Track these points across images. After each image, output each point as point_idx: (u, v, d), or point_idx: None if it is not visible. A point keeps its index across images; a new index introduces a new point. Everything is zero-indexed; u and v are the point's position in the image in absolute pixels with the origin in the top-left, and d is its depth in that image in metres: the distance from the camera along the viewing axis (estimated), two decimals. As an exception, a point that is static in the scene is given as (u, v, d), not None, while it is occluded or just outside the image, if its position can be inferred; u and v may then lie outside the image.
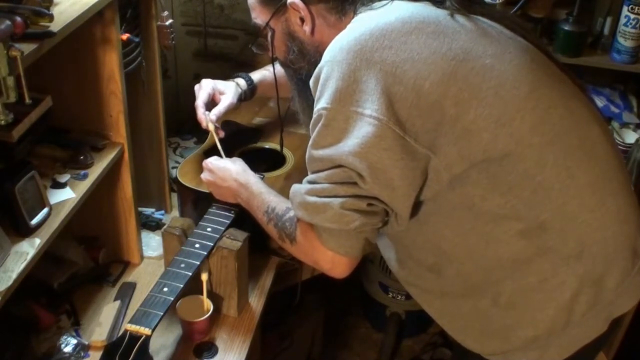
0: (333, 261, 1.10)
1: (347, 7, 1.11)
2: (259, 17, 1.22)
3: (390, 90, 0.97)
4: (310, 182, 1.07)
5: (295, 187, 1.10)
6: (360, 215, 1.03)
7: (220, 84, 1.56)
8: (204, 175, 1.43)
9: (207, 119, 1.49)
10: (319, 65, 1.04)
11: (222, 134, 1.52)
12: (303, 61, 1.20)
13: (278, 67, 1.38)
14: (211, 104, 1.53)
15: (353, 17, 1.10)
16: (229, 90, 1.55)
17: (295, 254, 1.20)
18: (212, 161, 1.43)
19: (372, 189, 1.00)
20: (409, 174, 1.00)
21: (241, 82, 1.61)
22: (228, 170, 1.38)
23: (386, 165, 0.99)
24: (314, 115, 1.03)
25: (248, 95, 1.62)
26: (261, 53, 1.31)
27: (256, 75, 1.64)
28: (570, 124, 1.06)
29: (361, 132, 0.98)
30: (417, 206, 1.07)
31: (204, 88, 1.53)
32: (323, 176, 1.04)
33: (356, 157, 0.98)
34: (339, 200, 1.02)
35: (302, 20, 1.15)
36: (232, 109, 1.57)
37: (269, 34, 1.22)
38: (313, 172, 1.07)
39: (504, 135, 0.99)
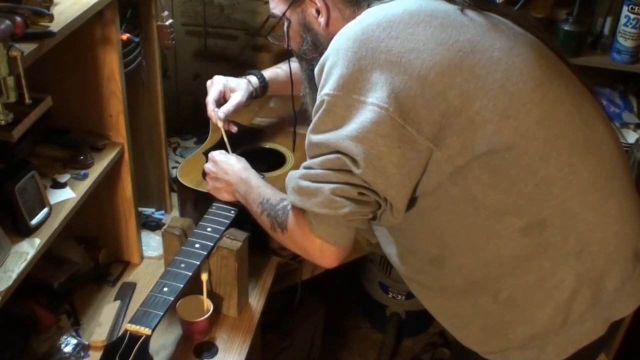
0: (322, 250, 1.11)
1: (361, 0, 1.12)
2: (276, 7, 1.24)
3: (395, 80, 0.98)
4: (305, 168, 1.08)
5: (291, 173, 1.11)
6: (351, 203, 1.03)
7: (231, 82, 1.57)
8: (207, 166, 1.45)
9: (217, 115, 1.50)
10: (325, 54, 1.05)
11: (234, 128, 1.55)
12: (316, 52, 1.21)
13: (293, 64, 1.39)
14: (222, 101, 1.55)
15: None
16: (239, 88, 1.57)
17: (286, 242, 1.21)
18: (218, 154, 1.45)
19: (365, 175, 1.00)
20: (406, 163, 1.00)
21: (253, 79, 1.62)
22: (232, 165, 1.40)
23: (381, 152, 0.99)
24: (317, 101, 1.04)
25: (259, 93, 1.63)
26: (277, 44, 1.32)
27: (268, 73, 1.65)
28: (576, 121, 1.06)
29: (361, 118, 0.98)
30: (417, 200, 1.08)
31: (216, 85, 1.55)
32: (318, 162, 1.04)
33: (352, 141, 0.99)
34: (331, 186, 1.03)
35: (318, 12, 1.16)
36: (242, 107, 1.57)
37: (285, 25, 1.24)
38: (310, 158, 1.07)
39: (508, 128, 0.99)
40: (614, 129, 1.14)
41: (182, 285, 1.26)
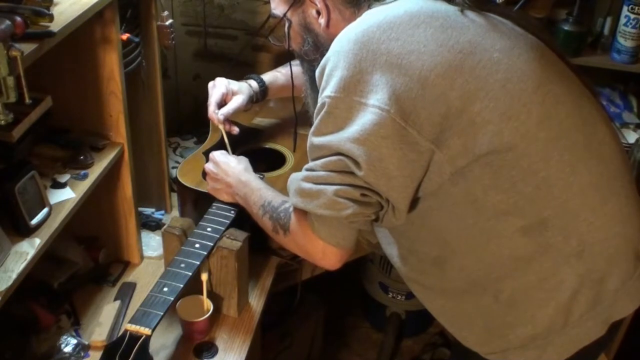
0: (324, 251, 1.11)
1: (361, 1, 1.13)
2: (277, 7, 1.24)
3: (396, 81, 0.98)
4: (307, 170, 1.08)
5: (293, 175, 1.11)
6: (353, 204, 1.03)
7: (233, 85, 1.58)
8: (208, 166, 1.45)
9: (217, 117, 1.51)
10: (326, 56, 1.05)
11: (235, 130, 1.54)
12: (317, 53, 1.21)
13: (293, 67, 1.39)
14: (223, 103, 1.55)
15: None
16: (241, 92, 1.57)
17: (288, 245, 1.21)
18: (219, 154, 1.45)
19: (367, 177, 1.00)
20: (407, 165, 1.00)
21: (253, 84, 1.63)
22: (232, 167, 1.41)
23: (383, 154, 0.99)
24: (318, 104, 1.04)
25: (260, 97, 1.64)
26: (278, 44, 1.32)
27: (267, 77, 1.66)
28: (577, 121, 1.06)
29: (362, 120, 0.98)
30: (419, 201, 1.08)
31: (218, 87, 1.55)
32: (320, 164, 1.04)
33: (354, 143, 0.99)
34: (333, 187, 1.03)
35: (319, 13, 1.16)
36: (242, 110, 1.57)
37: (286, 25, 1.24)
38: (312, 160, 1.07)
39: (509, 129, 0.99)
40: (615, 130, 1.14)
41: (182, 285, 1.26)
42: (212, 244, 1.35)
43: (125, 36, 1.37)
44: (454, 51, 0.99)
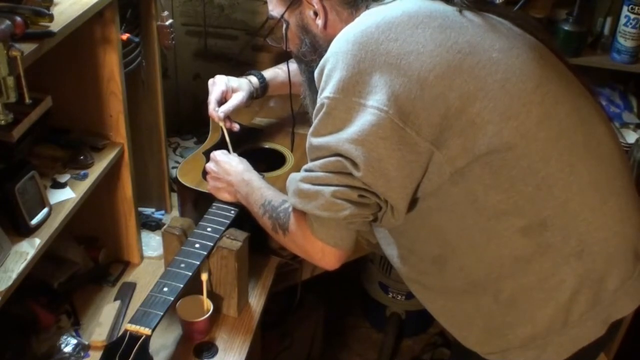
0: (323, 252, 1.11)
1: (359, 2, 1.13)
2: (275, 9, 1.24)
3: (395, 82, 0.98)
4: (306, 170, 1.08)
5: (292, 176, 1.11)
6: (351, 205, 1.03)
7: (233, 81, 1.58)
8: (209, 165, 1.45)
9: (218, 115, 1.51)
10: (325, 57, 1.05)
11: (236, 127, 1.55)
12: (315, 54, 1.21)
13: (291, 65, 1.39)
14: (223, 100, 1.55)
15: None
16: (241, 89, 1.57)
17: (287, 244, 1.21)
18: (220, 154, 1.45)
19: (366, 178, 1.00)
20: (406, 165, 1.00)
21: (253, 79, 1.63)
22: (234, 166, 1.41)
23: (382, 155, 0.99)
24: (317, 104, 1.04)
25: (260, 93, 1.64)
26: (276, 45, 1.32)
27: (268, 73, 1.66)
28: (576, 121, 1.06)
29: (361, 121, 0.99)
30: (418, 201, 1.08)
31: (218, 84, 1.55)
32: (319, 164, 1.04)
33: (352, 144, 0.99)
34: (331, 188, 1.03)
35: (316, 14, 1.17)
36: (242, 107, 1.57)
37: (283, 27, 1.24)
38: (311, 160, 1.07)
39: (509, 129, 0.99)
40: (613, 130, 1.15)
41: (182, 285, 1.26)
42: (212, 244, 1.35)
43: (125, 36, 1.37)
44: (453, 51, 0.99)
